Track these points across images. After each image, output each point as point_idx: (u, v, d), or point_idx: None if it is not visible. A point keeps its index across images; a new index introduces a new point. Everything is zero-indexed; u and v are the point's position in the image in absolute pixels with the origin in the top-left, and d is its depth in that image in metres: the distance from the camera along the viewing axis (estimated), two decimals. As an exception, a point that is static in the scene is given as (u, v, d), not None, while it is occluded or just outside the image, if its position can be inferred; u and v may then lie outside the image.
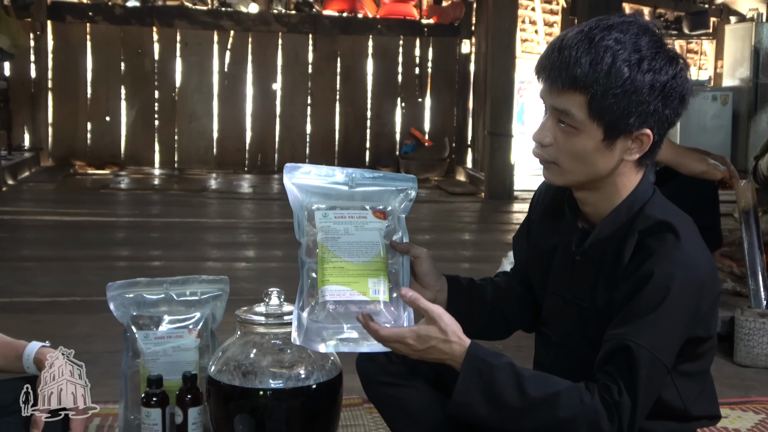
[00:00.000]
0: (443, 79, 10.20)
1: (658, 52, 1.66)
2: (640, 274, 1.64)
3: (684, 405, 1.75)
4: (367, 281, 1.78)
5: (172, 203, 7.53)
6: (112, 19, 9.61)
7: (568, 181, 1.76)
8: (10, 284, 4.35)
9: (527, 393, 1.61)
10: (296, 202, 1.85)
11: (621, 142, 1.69)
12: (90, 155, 9.63)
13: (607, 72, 1.63)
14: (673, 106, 1.69)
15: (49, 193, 7.89)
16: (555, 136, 1.72)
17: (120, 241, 5.88)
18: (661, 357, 1.62)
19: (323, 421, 2.04)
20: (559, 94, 1.69)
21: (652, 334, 1.61)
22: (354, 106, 10.12)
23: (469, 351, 1.64)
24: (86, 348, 3.09)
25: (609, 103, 1.65)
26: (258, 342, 2.04)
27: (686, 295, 1.63)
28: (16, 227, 6.14)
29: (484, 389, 1.62)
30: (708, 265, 1.69)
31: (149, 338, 2.32)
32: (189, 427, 2.20)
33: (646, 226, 1.69)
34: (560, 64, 1.67)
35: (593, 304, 1.75)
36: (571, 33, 1.69)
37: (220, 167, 9.84)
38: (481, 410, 1.63)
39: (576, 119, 1.68)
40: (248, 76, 9.95)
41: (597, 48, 1.64)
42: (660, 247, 1.65)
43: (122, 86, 9.73)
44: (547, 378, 1.65)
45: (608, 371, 1.62)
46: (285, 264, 4.97)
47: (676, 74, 1.67)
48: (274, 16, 9.94)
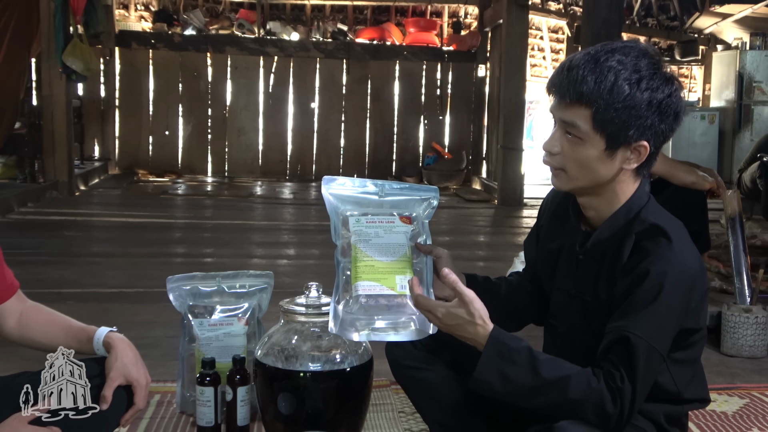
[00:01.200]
0: (461, 99, 10.19)
1: (655, 73, 1.66)
2: (637, 272, 1.63)
3: (677, 389, 1.75)
4: (395, 278, 1.78)
5: (222, 207, 7.56)
6: (172, 45, 9.67)
7: (573, 187, 1.76)
8: (82, 277, 4.38)
9: (541, 375, 1.61)
10: (333, 209, 1.86)
11: (621, 152, 1.69)
12: (151, 165, 9.69)
13: (609, 89, 1.64)
14: (668, 121, 1.69)
15: (115, 197, 7.95)
16: (563, 145, 1.72)
17: (177, 240, 5.90)
18: (657, 346, 1.61)
19: (356, 400, 2.04)
20: (567, 108, 1.69)
21: (649, 326, 1.61)
22: (382, 123, 10.12)
23: (492, 334, 1.64)
24: (147, 333, 3.14)
25: (611, 117, 1.65)
26: (299, 329, 2.05)
27: (678, 291, 1.63)
28: (87, 227, 6.20)
29: (503, 369, 1.62)
30: (697, 265, 1.69)
31: (203, 325, 2.34)
32: (238, 403, 2.21)
33: (642, 229, 1.69)
34: (569, 82, 1.67)
35: (595, 299, 1.75)
36: (578, 55, 1.70)
37: (264, 176, 9.87)
38: (498, 387, 1.63)
39: (581, 130, 1.68)
40: (289, 96, 9.98)
41: (601, 68, 1.65)
42: (654, 248, 1.64)
43: (180, 104, 9.79)
44: (560, 362, 1.64)
45: (610, 359, 1.62)
46: (321, 261, 4.98)
47: (672, 93, 1.67)
48: (312, 43, 9.97)
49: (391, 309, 1.81)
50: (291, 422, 1.98)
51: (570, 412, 1.61)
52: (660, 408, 1.76)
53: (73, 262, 4.80)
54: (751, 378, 2.96)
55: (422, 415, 2.05)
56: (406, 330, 1.81)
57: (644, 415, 1.74)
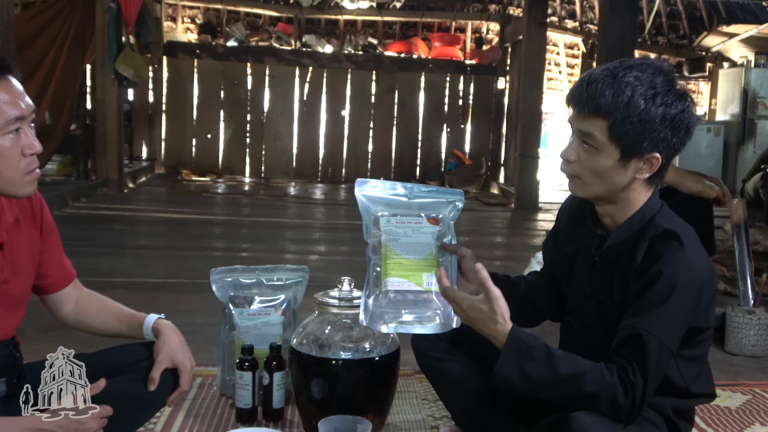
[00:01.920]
0: (481, 109, 10.15)
1: (670, 89, 1.65)
2: (650, 273, 1.62)
3: (685, 384, 1.73)
4: (422, 275, 1.79)
5: (259, 206, 7.58)
6: (215, 56, 9.72)
7: (588, 194, 1.75)
8: (130, 267, 4.42)
9: (557, 370, 1.60)
10: (365, 209, 1.86)
11: (634, 162, 1.68)
12: (194, 165, 9.74)
13: (626, 103, 1.62)
14: (680, 135, 1.67)
15: (161, 195, 8.00)
16: (579, 154, 1.71)
17: (216, 235, 5.94)
18: (667, 343, 1.60)
19: (383, 387, 2.04)
20: (584, 119, 1.68)
21: (660, 324, 1.59)
22: (408, 130, 10.11)
23: (511, 333, 1.64)
24: (190, 321, 3.15)
25: (626, 129, 1.64)
26: (332, 320, 2.05)
27: (689, 292, 1.61)
28: (135, 222, 6.25)
29: (522, 365, 1.61)
30: (707, 267, 1.67)
31: (243, 315, 2.36)
32: (274, 387, 2.22)
33: (656, 233, 1.68)
34: (588, 95, 1.66)
35: (609, 298, 1.74)
36: (597, 70, 1.69)
37: (298, 177, 9.89)
38: (517, 382, 1.63)
39: (598, 141, 1.67)
40: (322, 104, 9.98)
41: (619, 83, 1.63)
42: (667, 251, 1.63)
43: (221, 110, 9.83)
44: (575, 358, 1.64)
45: (623, 354, 1.61)
46: (349, 257, 5.00)
47: (684, 109, 1.66)
48: (344, 55, 9.98)
49: (418, 304, 1.81)
50: (323, 406, 1.98)
51: (585, 404, 1.60)
52: (669, 402, 1.75)
53: (122, 253, 4.86)
54: (754, 376, 2.93)
55: (445, 402, 2.05)
56: (431, 323, 1.81)
57: (654, 408, 1.73)
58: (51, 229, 1.87)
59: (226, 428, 2.17)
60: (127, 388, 1.82)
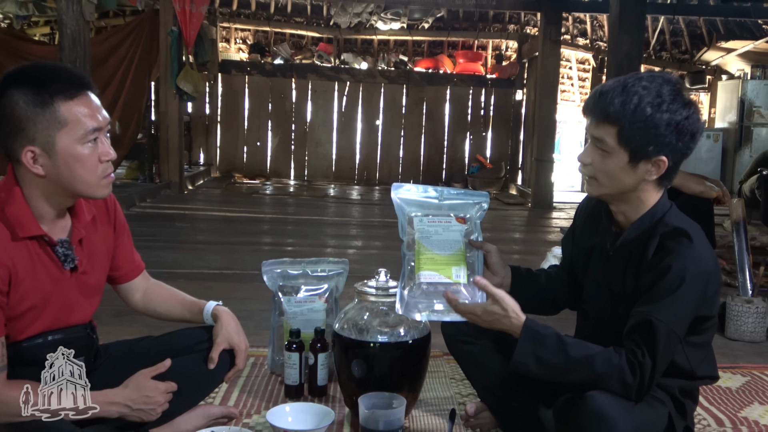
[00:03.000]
0: (501, 118, 10.07)
1: (675, 98, 1.62)
2: (661, 267, 1.60)
3: (691, 367, 1.71)
4: (451, 269, 1.77)
5: (302, 205, 7.61)
6: (264, 72, 9.76)
7: (602, 193, 1.73)
8: (190, 260, 4.46)
9: (569, 355, 1.59)
10: (400, 210, 1.86)
11: (642, 165, 1.65)
12: (245, 169, 9.79)
13: (633, 110, 1.60)
14: (685, 140, 1.64)
15: (216, 195, 8.05)
16: (593, 158, 1.69)
17: (265, 231, 5.96)
18: (675, 330, 1.58)
19: (416, 368, 2.04)
20: (597, 125, 1.67)
21: (670, 312, 1.57)
22: (435, 138, 10.07)
23: (525, 324, 1.63)
24: (243, 307, 3.16)
25: (634, 134, 1.61)
26: (370, 307, 2.05)
27: (696, 284, 1.59)
28: (194, 219, 6.31)
29: (537, 352, 1.61)
30: (713, 262, 1.65)
31: (291, 302, 2.37)
32: (318, 367, 2.23)
33: (666, 231, 1.65)
34: (600, 104, 1.65)
35: (622, 289, 1.72)
36: (610, 82, 1.67)
37: (337, 180, 9.90)
38: (534, 368, 1.62)
39: (609, 145, 1.65)
40: (358, 115, 9.98)
41: (628, 92, 1.61)
42: (677, 247, 1.60)
43: (269, 120, 9.87)
44: (585, 344, 1.63)
45: (634, 339, 1.59)
46: (383, 252, 4.99)
47: (689, 116, 1.63)
48: (378, 71, 9.97)
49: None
50: (362, 384, 1.98)
51: (598, 385, 1.59)
52: (675, 383, 1.72)
53: (183, 247, 4.90)
54: (752, 359, 2.87)
55: (471, 381, 2.04)
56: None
57: (662, 388, 1.71)
58: (123, 227, 1.89)
59: (275, 403, 2.18)
60: (190, 367, 1.84)
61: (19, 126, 1.55)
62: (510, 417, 1.91)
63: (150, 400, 1.69)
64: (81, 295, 1.72)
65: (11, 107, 1.55)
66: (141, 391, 1.68)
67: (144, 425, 1.74)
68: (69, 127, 1.56)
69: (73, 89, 1.57)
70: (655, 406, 1.67)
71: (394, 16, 9.72)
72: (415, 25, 10.09)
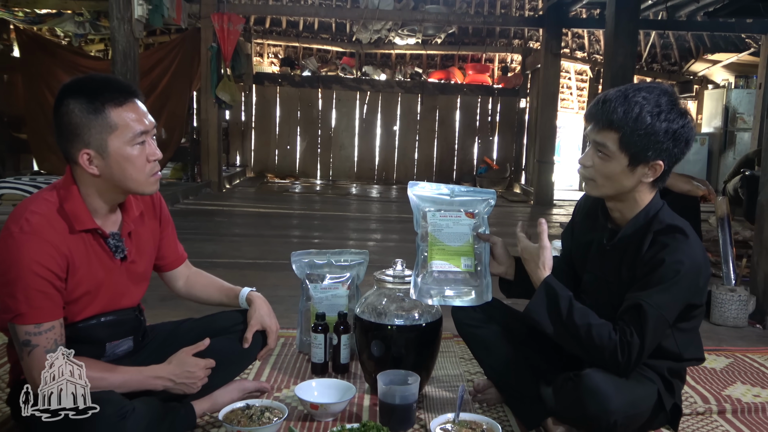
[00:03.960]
0: (506, 124, 10.02)
1: (673, 108, 1.60)
2: (655, 260, 1.58)
3: (679, 350, 1.69)
4: (461, 258, 1.77)
5: (327, 202, 7.61)
6: (293, 83, 9.78)
7: (601, 194, 1.71)
8: (227, 250, 4.48)
9: (573, 318, 1.59)
10: (415, 206, 1.85)
11: (640, 168, 1.63)
12: (277, 170, 9.83)
13: (635, 119, 1.58)
14: (681, 146, 1.62)
15: (251, 193, 8.08)
16: (594, 161, 1.67)
17: (294, 225, 5.98)
18: (665, 315, 1.56)
19: (429, 348, 2.03)
20: (599, 131, 1.64)
21: (661, 298, 1.56)
22: (446, 142, 10.03)
23: (546, 279, 1.65)
24: (275, 293, 3.17)
25: (634, 140, 1.59)
26: (388, 294, 2.04)
27: (689, 276, 1.58)
28: (231, 215, 6.33)
29: (548, 307, 1.62)
30: (703, 256, 1.63)
31: (317, 288, 2.37)
32: (341, 347, 2.23)
33: (660, 228, 1.63)
34: (602, 111, 1.63)
35: (617, 279, 1.70)
36: (612, 91, 1.65)
37: (358, 179, 9.91)
38: (542, 320, 1.63)
39: (610, 150, 1.63)
40: (378, 121, 9.97)
41: (630, 101, 1.59)
42: (672, 242, 1.59)
43: (298, 127, 9.89)
44: (591, 313, 1.62)
45: (625, 319, 1.58)
46: (400, 244, 4.98)
47: (685, 124, 1.61)
48: (396, 82, 9.95)
49: (457, 282, 1.80)
50: (380, 362, 1.98)
51: (591, 354, 1.58)
52: (664, 364, 1.71)
53: (221, 239, 4.92)
54: (735, 343, 2.83)
55: (478, 361, 2.03)
56: (468, 297, 1.80)
57: (652, 368, 1.69)
58: (168, 221, 1.89)
59: (303, 379, 2.18)
60: (227, 346, 1.85)
61: (76, 131, 1.56)
62: (514, 393, 1.90)
63: (191, 375, 1.70)
64: (130, 281, 1.73)
65: (68, 115, 1.56)
66: (183, 367, 1.69)
67: (186, 397, 1.75)
68: (119, 131, 1.57)
69: (122, 97, 1.58)
70: (645, 384, 1.66)
71: (410, 33, 9.69)
72: (429, 41, 10.05)
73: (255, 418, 1.74)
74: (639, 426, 1.70)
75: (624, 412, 1.58)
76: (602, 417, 1.56)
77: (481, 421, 1.76)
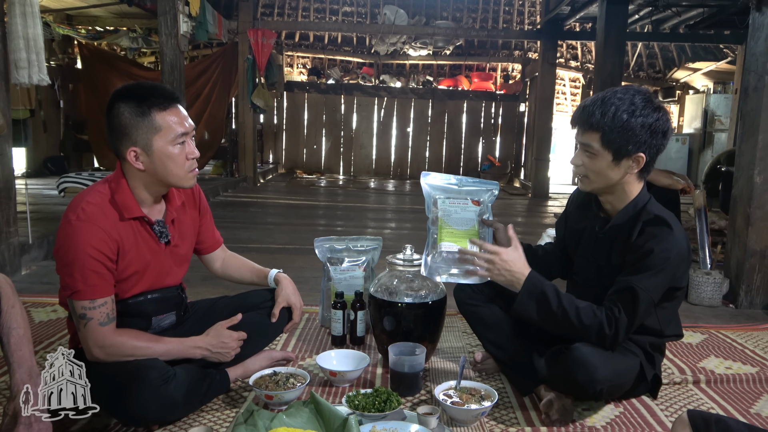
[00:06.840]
0: (508, 126, 9.93)
1: (646, 104, 1.57)
2: (645, 249, 1.56)
3: (660, 327, 1.66)
4: (467, 241, 1.75)
5: (349, 195, 7.60)
6: (319, 90, 9.77)
7: (593, 188, 1.69)
8: (261, 237, 4.49)
9: (562, 305, 1.56)
10: (427, 193, 1.84)
11: (624, 161, 1.60)
12: (305, 167, 9.84)
13: (612, 118, 1.55)
14: (658, 138, 1.59)
15: (282, 187, 8.09)
16: (583, 160, 1.65)
17: (319, 215, 5.98)
18: (652, 296, 1.54)
19: (435, 323, 2.02)
20: (584, 133, 1.62)
21: (650, 282, 1.53)
22: (454, 142, 9.97)
23: (529, 275, 1.61)
24: (301, 274, 3.19)
25: (614, 137, 1.57)
26: (398, 275, 2.03)
27: (674, 262, 1.55)
28: (264, 206, 6.34)
29: (537, 299, 1.59)
30: (686, 244, 1.60)
31: (337, 270, 2.36)
32: (357, 322, 2.23)
33: (648, 218, 1.61)
34: (584, 116, 1.60)
35: (607, 263, 1.68)
36: (591, 97, 1.63)
37: (376, 175, 9.89)
38: (532, 312, 1.60)
39: (594, 149, 1.60)
40: (394, 124, 9.93)
41: (606, 104, 1.57)
42: (659, 232, 1.56)
43: (323, 129, 9.88)
44: (574, 299, 1.59)
45: (614, 299, 1.56)
46: (412, 232, 4.96)
47: (659, 118, 1.58)
48: (409, 89, 9.89)
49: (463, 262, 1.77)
50: (392, 335, 1.97)
51: (580, 333, 1.56)
52: (647, 339, 1.69)
53: (255, 227, 4.93)
54: (710, 320, 2.78)
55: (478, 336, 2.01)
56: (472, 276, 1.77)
57: (635, 343, 1.67)
58: (206, 210, 1.90)
59: (324, 349, 2.18)
60: (257, 320, 1.85)
61: (125, 131, 1.56)
62: (509, 364, 1.88)
63: (226, 345, 1.70)
64: (173, 263, 1.74)
65: (119, 117, 1.56)
66: (219, 338, 1.70)
67: (221, 365, 1.76)
68: (163, 132, 1.57)
69: (166, 102, 1.58)
70: (629, 357, 1.64)
71: (423, 45, 9.63)
72: (439, 52, 9.98)
73: (281, 384, 1.74)
74: (622, 394, 1.68)
75: (609, 381, 1.56)
76: (589, 385, 1.54)
77: (479, 388, 1.75)
